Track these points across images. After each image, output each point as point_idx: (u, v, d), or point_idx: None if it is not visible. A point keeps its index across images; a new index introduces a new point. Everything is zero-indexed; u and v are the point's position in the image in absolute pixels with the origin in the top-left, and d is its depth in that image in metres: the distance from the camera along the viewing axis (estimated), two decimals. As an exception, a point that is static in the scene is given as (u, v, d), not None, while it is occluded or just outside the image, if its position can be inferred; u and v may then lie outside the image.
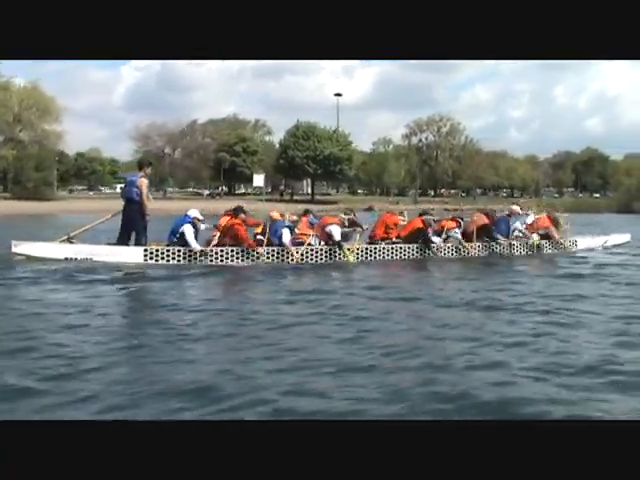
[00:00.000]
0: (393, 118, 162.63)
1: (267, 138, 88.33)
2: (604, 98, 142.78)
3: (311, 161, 64.19)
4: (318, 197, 74.49)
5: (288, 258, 11.20)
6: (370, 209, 52.12)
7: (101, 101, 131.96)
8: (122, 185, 12.57)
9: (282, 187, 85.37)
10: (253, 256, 10.96)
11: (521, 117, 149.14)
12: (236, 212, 11.33)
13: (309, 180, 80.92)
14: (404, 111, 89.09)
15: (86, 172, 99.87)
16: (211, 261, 10.72)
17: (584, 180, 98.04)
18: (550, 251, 13.88)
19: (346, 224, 12.01)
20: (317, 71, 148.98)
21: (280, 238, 11.27)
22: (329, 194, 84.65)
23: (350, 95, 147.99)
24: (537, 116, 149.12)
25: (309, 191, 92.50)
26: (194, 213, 11.03)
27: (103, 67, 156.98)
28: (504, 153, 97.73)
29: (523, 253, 13.53)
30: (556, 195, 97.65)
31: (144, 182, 10.81)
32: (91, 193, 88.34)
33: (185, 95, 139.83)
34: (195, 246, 10.67)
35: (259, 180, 68.96)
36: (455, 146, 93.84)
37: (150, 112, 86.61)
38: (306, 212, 13.13)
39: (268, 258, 11.07)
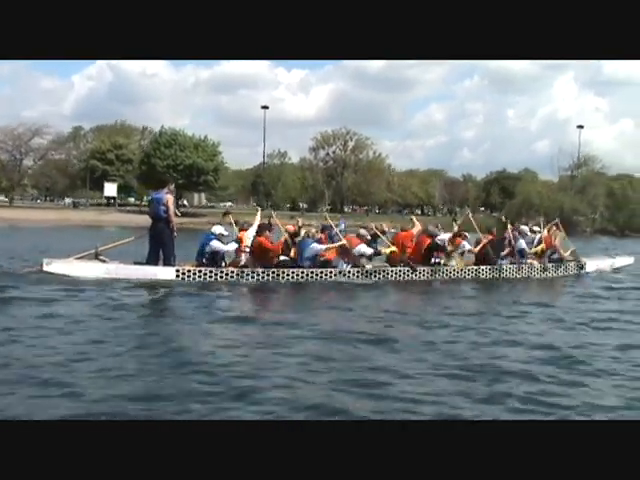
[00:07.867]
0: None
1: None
2: (554, 121, 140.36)
3: (172, 170, 60.18)
4: (186, 210, 70.35)
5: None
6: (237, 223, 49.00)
7: (51, 111, 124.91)
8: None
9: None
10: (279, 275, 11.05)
11: (473, 138, 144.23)
12: (261, 230, 11.30)
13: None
14: (357, 129, 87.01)
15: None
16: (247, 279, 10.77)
17: (493, 199, 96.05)
18: (559, 274, 13.92)
19: (369, 238, 12.30)
20: (274, 86, 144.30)
21: (307, 256, 11.26)
22: (213, 207, 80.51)
23: (305, 111, 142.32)
24: (489, 137, 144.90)
25: (203, 203, 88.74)
26: (218, 229, 11.11)
27: (54, 75, 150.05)
28: (412, 172, 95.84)
29: (528, 276, 13.50)
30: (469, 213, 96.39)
31: (170, 199, 10.85)
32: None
33: (137, 106, 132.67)
34: (228, 249, 11.05)
35: (111, 189, 64.88)
36: (361, 161, 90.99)
37: (99, 122, 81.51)
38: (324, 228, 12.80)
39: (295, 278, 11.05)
